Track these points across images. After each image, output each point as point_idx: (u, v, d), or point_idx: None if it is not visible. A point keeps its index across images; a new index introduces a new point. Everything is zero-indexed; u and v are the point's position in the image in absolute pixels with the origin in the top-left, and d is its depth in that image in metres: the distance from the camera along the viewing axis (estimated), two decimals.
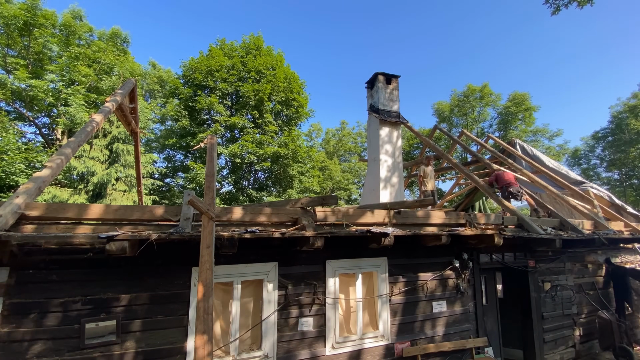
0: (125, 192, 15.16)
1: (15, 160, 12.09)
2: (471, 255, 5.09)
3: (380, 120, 7.61)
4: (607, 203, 7.88)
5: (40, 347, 2.84)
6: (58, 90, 14.98)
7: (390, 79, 8.02)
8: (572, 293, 5.94)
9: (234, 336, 3.55)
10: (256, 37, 20.43)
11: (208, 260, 2.68)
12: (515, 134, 25.61)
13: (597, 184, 23.67)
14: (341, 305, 4.27)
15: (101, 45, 17.29)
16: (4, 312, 2.79)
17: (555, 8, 7.50)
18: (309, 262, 4.08)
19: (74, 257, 3.05)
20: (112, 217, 3.19)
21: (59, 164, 3.53)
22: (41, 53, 15.87)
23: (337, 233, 3.67)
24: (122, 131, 15.34)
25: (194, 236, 2.93)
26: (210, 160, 3.74)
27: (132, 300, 3.19)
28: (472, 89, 27.81)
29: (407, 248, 4.61)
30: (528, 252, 5.63)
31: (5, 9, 13.85)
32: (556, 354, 5.56)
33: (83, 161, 14.42)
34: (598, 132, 27.29)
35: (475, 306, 5.04)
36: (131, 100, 5.87)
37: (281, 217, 3.91)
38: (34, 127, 16.77)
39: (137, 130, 6.45)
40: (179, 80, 19.52)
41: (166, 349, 3.23)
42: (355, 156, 33.53)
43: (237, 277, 3.69)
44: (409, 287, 4.59)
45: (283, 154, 18.38)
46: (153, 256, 3.15)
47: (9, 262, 2.85)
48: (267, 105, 18.68)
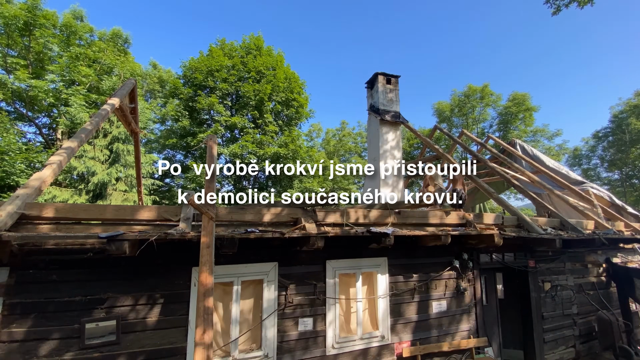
0: (126, 192, 15.16)
1: (15, 160, 12.10)
2: (471, 255, 5.09)
3: (380, 121, 7.60)
4: (607, 203, 7.87)
5: (41, 347, 2.84)
6: (58, 90, 14.98)
7: (390, 79, 8.02)
8: (572, 293, 5.94)
9: (234, 336, 3.56)
10: (256, 37, 20.43)
11: (208, 260, 2.68)
12: (516, 134, 25.58)
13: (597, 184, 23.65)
14: (341, 305, 4.27)
15: (102, 46, 17.30)
16: (4, 312, 2.79)
17: (556, 8, 7.50)
18: (309, 262, 4.08)
19: (74, 257, 3.05)
20: (112, 217, 3.19)
21: (59, 164, 3.54)
22: (42, 53, 15.87)
23: (337, 233, 3.68)
24: (122, 131, 15.33)
25: (194, 236, 2.93)
26: (210, 161, 3.74)
27: (132, 300, 3.19)
28: (473, 89, 27.79)
29: (407, 248, 4.61)
30: (528, 252, 5.63)
31: (5, 9, 13.85)
32: (556, 354, 5.56)
33: (83, 161, 14.41)
34: (599, 132, 27.28)
35: (476, 306, 5.04)
36: (131, 101, 5.87)
37: (281, 217, 3.92)
38: (34, 127, 16.79)
39: (137, 130, 6.45)
40: (179, 81, 19.52)
41: (166, 349, 3.23)
42: (355, 156, 33.52)
43: (237, 277, 3.69)
44: (409, 287, 4.59)
45: (283, 154, 18.38)
46: (153, 256, 3.15)
47: (9, 262, 2.85)
48: (267, 105, 18.68)
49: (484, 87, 27.45)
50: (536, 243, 5.16)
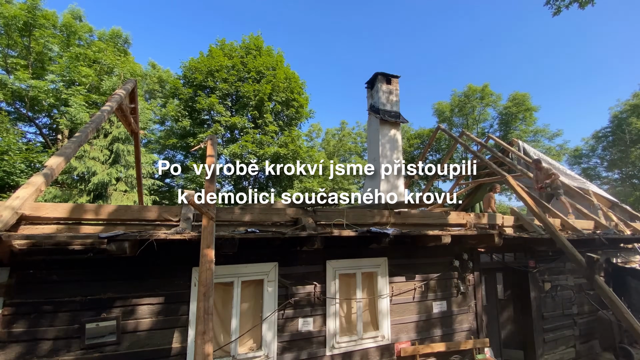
0: (126, 192, 15.16)
1: (15, 160, 12.10)
2: (471, 256, 5.08)
3: (381, 121, 7.60)
4: (607, 203, 7.87)
5: (41, 347, 2.84)
6: (58, 90, 14.99)
7: (390, 79, 8.02)
8: (572, 293, 5.94)
9: (234, 336, 3.56)
10: (256, 37, 20.44)
11: (208, 261, 2.68)
12: (516, 134, 25.59)
13: (597, 183, 23.70)
14: (341, 305, 4.27)
15: (101, 46, 17.30)
16: (5, 312, 2.79)
17: (557, 9, 7.48)
18: (309, 262, 4.08)
19: (74, 257, 3.05)
20: (112, 217, 3.19)
21: (59, 164, 3.54)
22: (42, 53, 15.88)
23: (337, 233, 3.68)
24: (122, 131, 15.33)
25: (194, 236, 2.93)
26: (210, 161, 3.75)
27: (133, 301, 3.19)
28: (473, 89, 27.81)
29: (407, 248, 4.61)
30: (528, 252, 5.63)
31: (5, 9, 13.86)
32: (556, 354, 5.56)
33: (83, 161, 14.41)
34: (598, 132, 27.27)
35: (476, 306, 5.04)
36: (131, 101, 5.87)
37: (281, 217, 3.92)
38: (35, 128, 16.81)
39: (137, 130, 6.45)
40: (179, 81, 19.53)
41: (166, 349, 3.23)
42: (355, 156, 33.52)
43: (238, 277, 3.69)
44: (409, 287, 4.59)
45: (283, 154, 18.38)
46: (153, 256, 3.15)
47: (10, 262, 2.85)
48: (267, 105, 18.68)
49: (484, 87, 27.47)
50: (536, 243, 5.16)
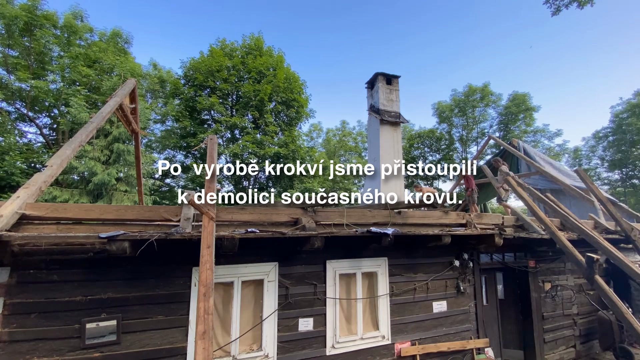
0: (126, 192, 15.16)
1: (16, 160, 12.11)
2: (471, 256, 5.09)
3: (381, 121, 7.61)
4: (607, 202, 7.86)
5: (41, 347, 2.85)
6: (59, 90, 15.00)
7: (390, 79, 8.02)
8: (572, 293, 5.94)
9: (235, 336, 3.56)
10: (256, 37, 20.45)
11: (208, 261, 2.68)
12: (516, 134, 25.59)
13: (597, 184, 23.66)
14: (341, 305, 4.27)
15: (102, 46, 17.31)
16: (5, 312, 2.79)
17: (556, 9, 7.48)
18: (309, 262, 4.08)
19: (74, 257, 3.06)
20: (112, 217, 3.19)
21: (59, 164, 3.54)
22: (42, 53, 15.89)
23: (337, 233, 3.68)
24: (122, 131, 15.33)
25: (194, 236, 2.94)
26: (210, 161, 3.75)
27: (133, 300, 3.19)
28: (473, 89, 27.79)
29: (408, 248, 4.61)
30: (528, 252, 5.63)
31: (6, 9, 13.88)
32: (556, 354, 5.56)
33: (84, 161, 14.42)
34: (599, 132, 27.24)
35: (476, 306, 5.04)
36: (132, 101, 5.87)
37: (281, 217, 3.92)
38: (35, 128, 16.82)
39: (137, 130, 6.45)
40: (180, 81, 19.55)
41: (166, 349, 3.23)
42: (355, 156, 33.51)
43: (238, 277, 3.69)
44: (409, 287, 4.59)
45: (283, 154, 18.39)
46: (153, 256, 3.15)
47: (10, 262, 2.85)
48: (268, 105, 18.68)
49: (484, 87, 27.45)
50: (536, 243, 5.16)
